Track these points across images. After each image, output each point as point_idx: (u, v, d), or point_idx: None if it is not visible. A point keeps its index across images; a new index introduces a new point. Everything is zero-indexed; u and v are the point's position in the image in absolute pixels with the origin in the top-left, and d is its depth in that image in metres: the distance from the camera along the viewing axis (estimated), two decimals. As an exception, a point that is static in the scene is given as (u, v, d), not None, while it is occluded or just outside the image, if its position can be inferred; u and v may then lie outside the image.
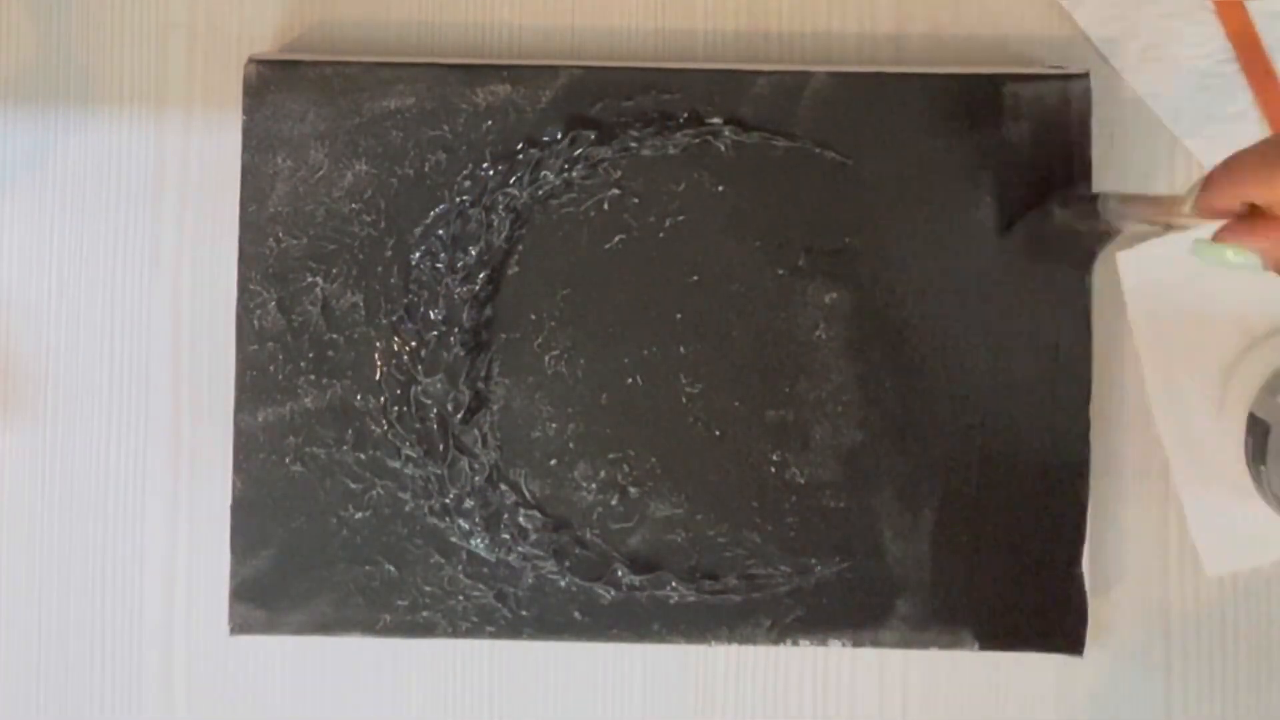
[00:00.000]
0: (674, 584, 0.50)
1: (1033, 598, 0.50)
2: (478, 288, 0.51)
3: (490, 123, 0.51)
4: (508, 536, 0.50)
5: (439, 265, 0.51)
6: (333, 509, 0.50)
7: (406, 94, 0.51)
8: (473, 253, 0.51)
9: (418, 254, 0.51)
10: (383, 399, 0.51)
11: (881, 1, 0.53)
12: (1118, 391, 0.52)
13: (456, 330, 0.51)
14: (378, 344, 0.51)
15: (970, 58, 0.53)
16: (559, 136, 0.51)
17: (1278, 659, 0.51)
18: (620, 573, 0.50)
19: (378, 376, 0.51)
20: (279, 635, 0.51)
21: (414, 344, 0.51)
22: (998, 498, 0.50)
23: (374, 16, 0.53)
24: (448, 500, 0.50)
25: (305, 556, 0.50)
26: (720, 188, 0.51)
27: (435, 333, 0.51)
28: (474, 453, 0.51)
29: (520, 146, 0.51)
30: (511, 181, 0.51)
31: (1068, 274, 0.50)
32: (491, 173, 0.51)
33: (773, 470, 0.50)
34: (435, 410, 0.51)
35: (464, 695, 0.52)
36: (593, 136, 0.50)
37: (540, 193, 0.51)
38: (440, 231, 0.51)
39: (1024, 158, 0.50)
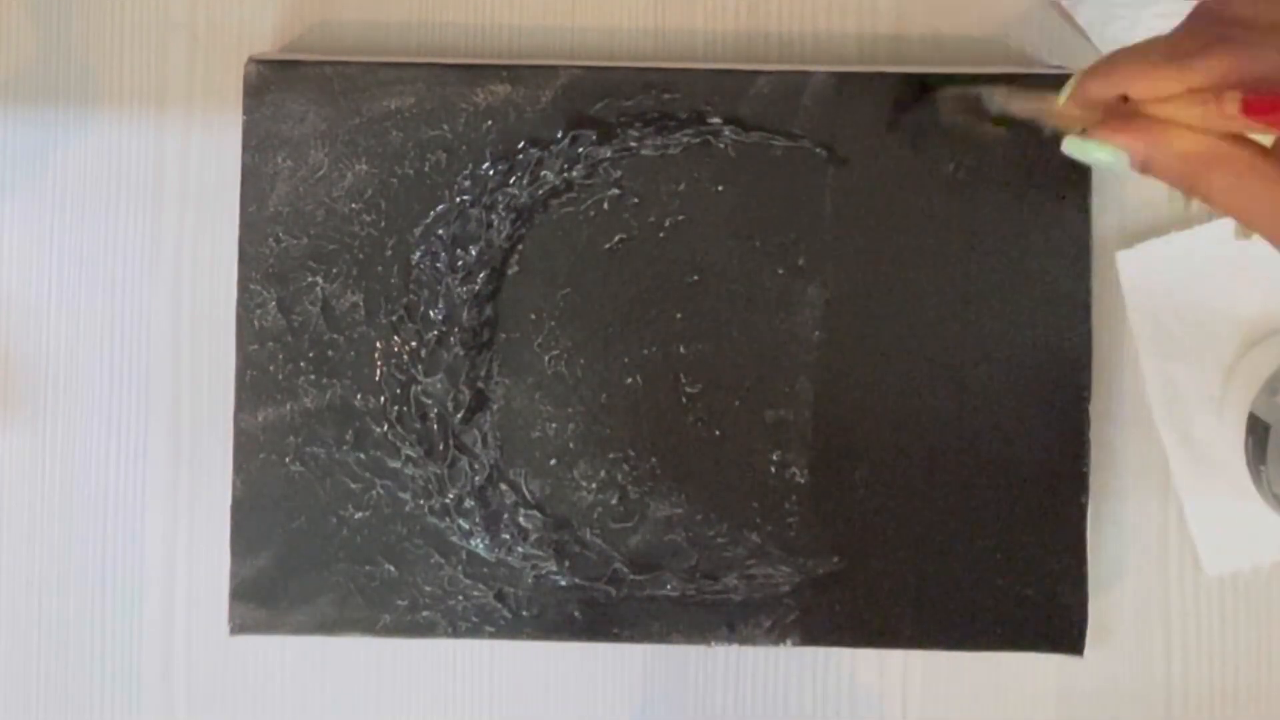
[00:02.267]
0: (674, 584, 0.50)
1: (1033, 598, 0.50)
2: (478, 287, 0.51)
3: (490, 123, 0.51)
4: (508, 536, 0.50)
5: (439, 265, 0.51)
6: (333, 509, 0.50)
7: (406, 94, 0.51)
8: (473, 252, 0.51)
9: (418, 254, 0.51)
10: (383, 399, 0.51)
11: (881, 1, 0.53)
12: (1118, 391, 0.52)
13: (456, 330, 0.51)
14: (378, 344, 0.51)
15: (970, 58, 0.53)
16: (559, 136, 0.51)
17: (1278, 659, 0.51)
18: (620, 573, 0.50)
19: (378, 376, 0.51)
20: (279, 635, 0.51)
21: (414, 344, 0.51)
22: (997, 497, 0.50)
23: (374, 16, 0.53)
24: (448, 500, 0.50)
25: (305, 556, 0.50)
26: (720, 188, 0.51)
27: (435, 333, 0.51)
28: (474, 453, 0.51)
29: (520, 146, 0.51)
30: (511, 181, 0.51)
31: (1067, 273, 0.50)
32: (491, 173, 0.51)
33: (773, 470, 0.50)
34: (435, 410, 0.51)
35: (464, 695, 0.52)
36: (593, 136, 0.50)
37: (540, 193, 0.51)
38: (440, 231, 0.51)
39: (1024, 157, 0.50)
